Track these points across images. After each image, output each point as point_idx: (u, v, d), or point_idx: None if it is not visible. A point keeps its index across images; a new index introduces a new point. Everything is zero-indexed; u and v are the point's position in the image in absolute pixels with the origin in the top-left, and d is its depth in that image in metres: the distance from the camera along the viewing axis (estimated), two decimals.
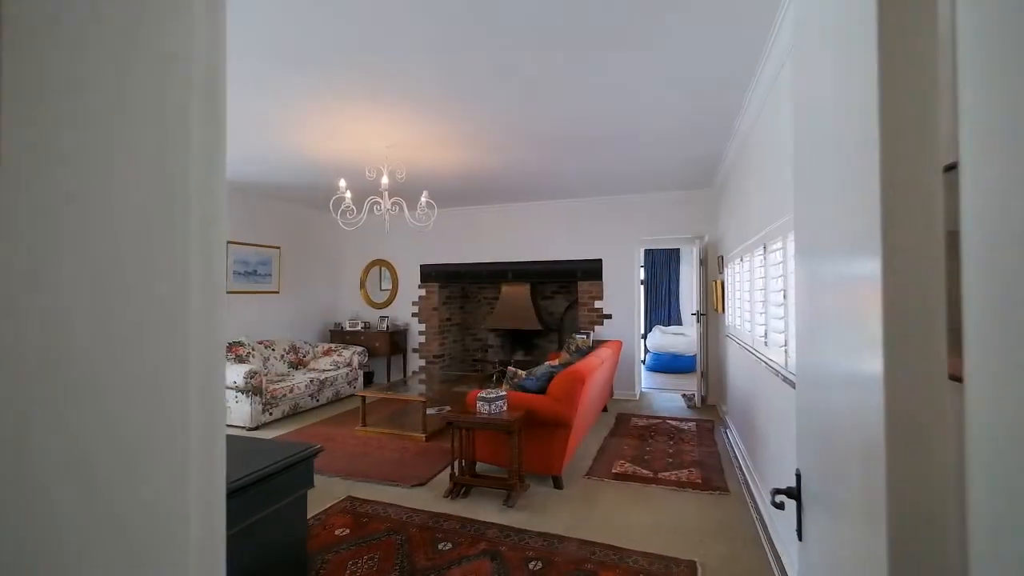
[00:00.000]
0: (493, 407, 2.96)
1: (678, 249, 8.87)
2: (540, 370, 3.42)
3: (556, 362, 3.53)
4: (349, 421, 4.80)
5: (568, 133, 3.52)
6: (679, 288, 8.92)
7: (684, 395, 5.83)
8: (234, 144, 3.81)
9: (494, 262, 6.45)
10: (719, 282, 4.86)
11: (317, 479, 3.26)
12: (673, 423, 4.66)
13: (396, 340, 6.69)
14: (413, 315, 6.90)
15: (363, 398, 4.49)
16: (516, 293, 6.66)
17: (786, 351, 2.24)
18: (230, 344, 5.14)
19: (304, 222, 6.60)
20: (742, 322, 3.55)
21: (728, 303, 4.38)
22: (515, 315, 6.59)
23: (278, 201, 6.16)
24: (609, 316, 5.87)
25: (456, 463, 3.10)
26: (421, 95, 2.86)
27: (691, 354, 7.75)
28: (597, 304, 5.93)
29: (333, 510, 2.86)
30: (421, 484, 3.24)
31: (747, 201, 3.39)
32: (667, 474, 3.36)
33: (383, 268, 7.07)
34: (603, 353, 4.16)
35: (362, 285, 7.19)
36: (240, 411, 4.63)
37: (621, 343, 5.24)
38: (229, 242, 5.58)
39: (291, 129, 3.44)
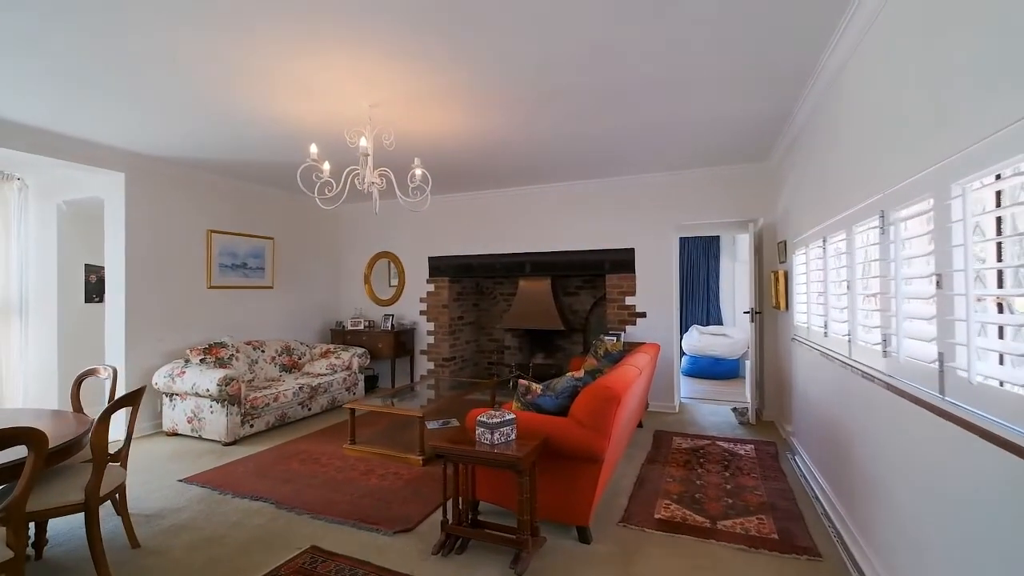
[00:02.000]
0: (497, 435, 2.22)
1: (716, 238, 7.94)
2: (560, 384, 2.66)
3: (580, 372, 2.76)
4: (341, 436, 4.14)
5: (593, 81, 2.74)
6: (719, 282, 7.99)
7: (735, 409, 4.95)
8: (195, 113, 3.17)
9: (510, 253, 5.71)
10: (780, 273, 3.99)
11: (282, 517, 2.60)
12: (725, 445, 3.82)
13: (402, 341, 6.03)
14: (421, 313, 6.22)
15: (352, 411, 3.82)
16: (535, 288, 5.90)
17: (940, 367, 1.42)
18: (209, 345, 4.55)
19: (300, 210, 5.99)
20: (825, 321, 2.70)
21: (795, 298, 3.52)
22: (534, 313, 5.83)
23: (270, 187, 5.56)
24: (643, 315, 5.05)
25: (450, 505, 2.37)
26: (408, 27, 2.13)
27: (735, 358, 6.85)
28: (629, 301, 5.11)
29: (287, 570, 2.17)
30: (406, 530, 2.52)
31: (839, 163, 2.54)
32: (729, 523, 2.55)
33: (391, 261, 6.42)
34: (640, 360, 3.37)
35: (366, 280, 6.56)
36: (215, 423, 4.03)
37: (659, 347, 4.41)
38: (213, 231, 5.01)
39: (258, 86, 2.77)
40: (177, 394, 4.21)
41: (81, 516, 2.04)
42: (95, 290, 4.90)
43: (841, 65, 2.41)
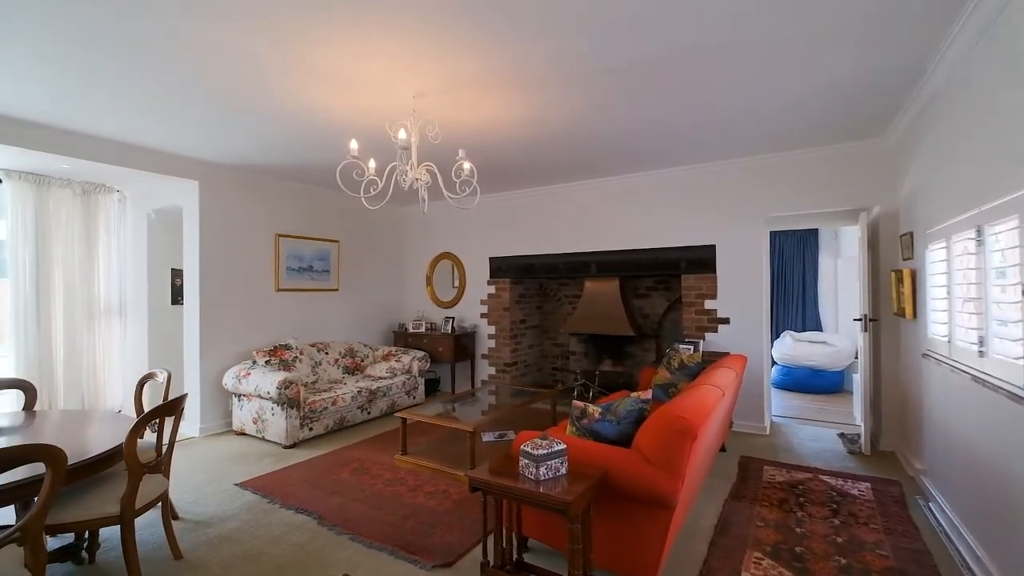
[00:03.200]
0: (544, 469, 1.88)
1: (815, 231, 6.95)
2: (623, 407, 2.25)
3: (648, 392, 2.33)
4: (395, 443, 4.00)
5: (662, 49, 2.29)
6: (817, 283, 6.98)
7: (843, 435, 4.18)
8: (251, 116, 3.16)
9: (574, 253, 5.31)
10: (906, 273, 3.24)
11: (322, 536, 2.45)
12: (831, 481, 3.16)
13: (463, 344, 5.86)
14: (482, 316, 6.01)
15: (403, 420, 3.65)
16: (602, 290, 5.45)
17: None
18: (274, 347, 4.65)
19: (363, 212, 6.02)
20: (979, 337, 2.05)
21: (929, 304, 2.80)
22: (601, 317, 5.38)
23: (333, 190, 5.63)
24: (725, 320, 4.43)
25: (492, 541, 2.07)
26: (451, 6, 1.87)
27: (837, 369, 5.92)
28: (709, 304, 4.51)
29: None
30: (447, 564, 2.25)
31: (1009, 124, 1.89)
32: None
33: (453, 263, 6.28)
34: (722, 378, 2.84)
35: (428, 282, 6.48)
36: (276, 425, 4.06)
37: (745, 359, 3.80)
38: (280, 235, 5.13)
39: (307, 85, 2.66)
40: (243, 395, 4.32)
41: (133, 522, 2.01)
42: (179, 293, 5.22)
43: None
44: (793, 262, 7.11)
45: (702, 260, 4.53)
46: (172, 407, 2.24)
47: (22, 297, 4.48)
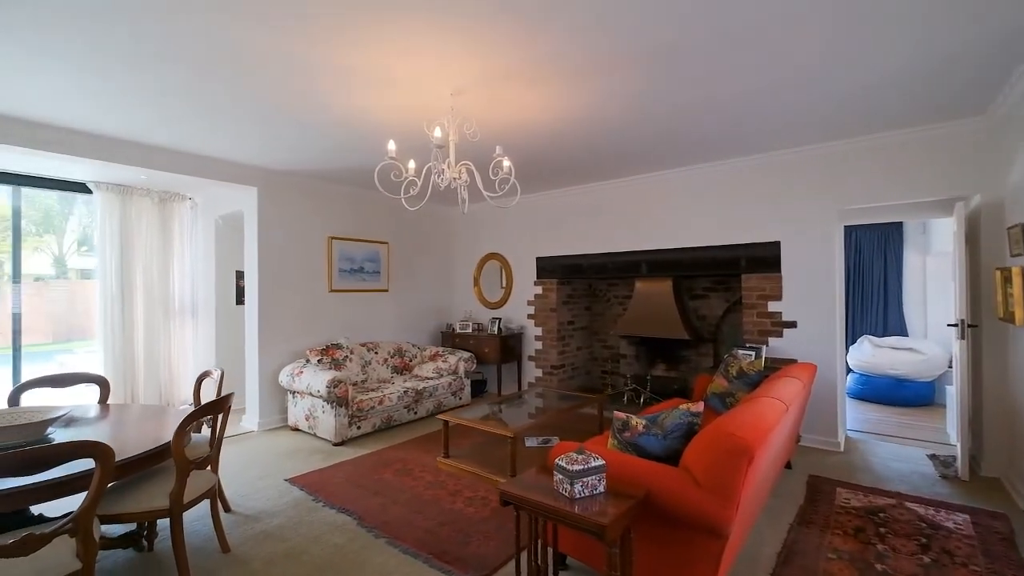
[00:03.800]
0: (580, 486, 1.74)
1: (898, 225, 6.24)
2: (671, 420, 2.06)
3: (700, 405, 2.12)
4: (440, 444, 3.99)
5: (718, 22, 2.08)
6: (901, 283, 6.27)
7: (935, 456, 3.69)
8: (290, 124, 3.25)
9: (624, 252, 5.08)
10: (1016, 271, 2.78)
11: (360, 538, 2.46)
12: (919, 509, 2.77)
13: (510, 345, 5.78)
14: (529, 317, 5.91)
15: (445, 422, 3.62)
16: (654, 291, 5.17)
17: None
18: (326, 346, 4.79)
19: (412, 214, 6.10)
20: None
21: None
22: (653, 319, 5.11)
23: (382, 193, 5.74)
24: (791, 324, 4.05)
25: (526, 556, 1.96)
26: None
27: (926, 379, 5.28)
28: (772, 307, 4.14)
29: None
30: None
31: None
32: None
33: (500, 263, 6.23)
34: (786, 389, 2.56)
35: (476, 282, 6.47)
36: (326, 423, 4.18)
37: (815, 368, 3.43)
38: (332, 238, 5.29)
39: (349, 87, 2.68)
40: (297, 392, 4.48)
41: (193, 510, 2.10)
42: (242, 294, 5.52)
43: None
44: (873, 259, 6.43)
45: (765, 258, 4.16)
46: (219, 406, 2.32)
47: (108, 297, 4.91)
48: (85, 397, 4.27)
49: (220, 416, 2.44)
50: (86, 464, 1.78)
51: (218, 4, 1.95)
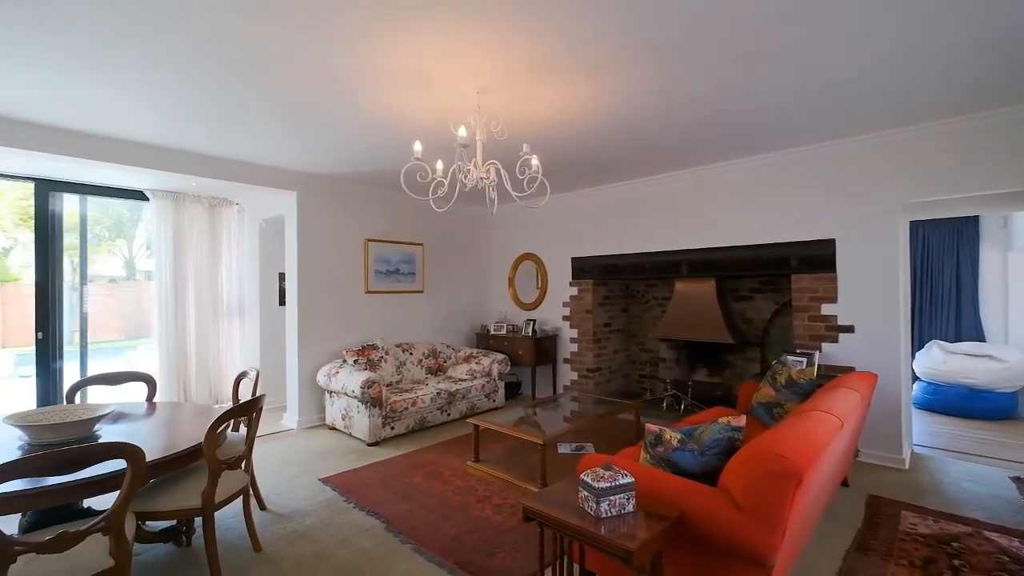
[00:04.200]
0: (606, 505, 1.63)
1: (974, 219, 5.66)
2: (708, 434, 1.91)
3: (742, 419, 1.95)
4: (471, 448, 3.96)
5: None
6: (977, 283, 5.69)
7: (1020, 480, 3.29)
8: (323, 128, 3.29)
9: (663, 251, 4.87)
10: None
11: (387, 543, 2.45)
12: (1002, 541, 2.46)
13: (545, 348, 5.68)
14: (564, 318, 5.79)
15: (475, 427, 3.57)
16: (695, 292, 4.93)
17: None
18: (362, 347, 4.86)
19: (447, 215, 6.10)
20: None
21: None
22: (694, 322, 4.87)
23: (418, 194, 5.77)
24: (848, 329, 3.73)
25: (551, 574, 1.86)
26: None
27: (1007, 390, 4.77)
28: (827, 309, 3.83)
29: None
30: None
31: None
32: None
33: (535, 264, 6.14)
34: (843, 403, 2.33)
35: (511, 283, 6.41)
36: (360, 423, 4.23)
37: (875, 378, 3.13)
38: (369, 240, 5.37)
39: (380, 88, 2.68)
40: (334, 392, 4.57)
41: (229, 508, 2.16)
42: (284, 295, 5.71)
43: None
44: (943, 257, 5.88)
45: (818, 258, 3.86)
46: (250, 407, 2.36)
47: (163, 298, 5.18)
48: (136, 394, 4.51)
49: (253, 416, 2.48)
50: (121, 463, 1.83)
51: (256, 13, 1.97)
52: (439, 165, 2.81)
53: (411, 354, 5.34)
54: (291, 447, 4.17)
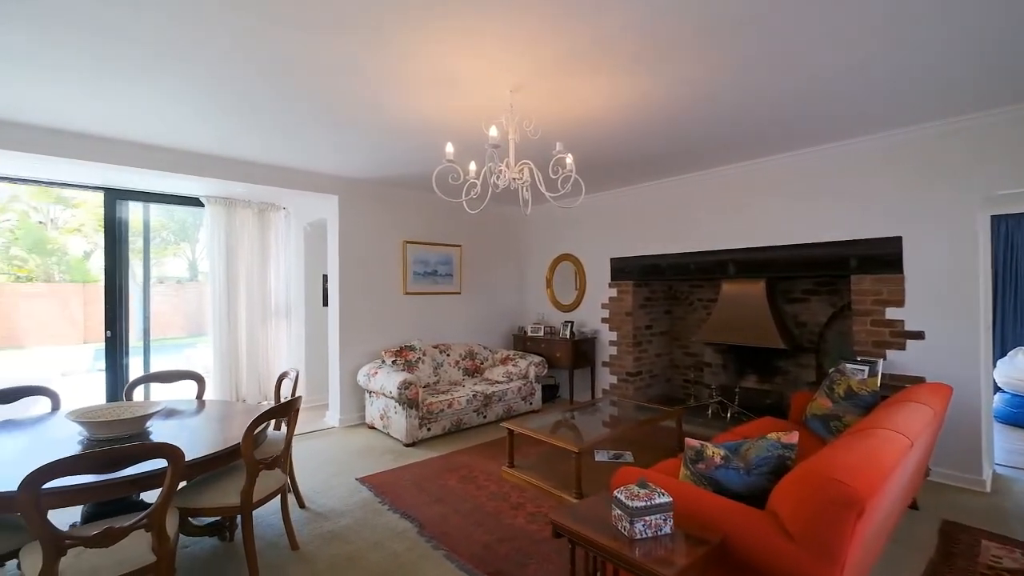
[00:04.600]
0: (641, 525, 1.52)
1: None
2: (756, 451, 1.76)
3: (794, 435, 1.78)
4: (506, 452, 3.91)
5: None
6: None
7: None
8: (360, 133, 3.33)
9: (707, 251, 4.64)
10: None
11: (418, 548, 2.44)
12: None
13: (583, 350, 5.56)
14: (603, 320, 5.64)
15: (509, 431, 3.52)
16: (744, 294, 4.66)
17: None
18: (400, 348, 4.92)
19: (484, 216, 6.10)
20: None
21: None
22: (742, 325, 4.61)
23: (454, 196, 5.80)
24: (917, 335, 3.40)
25: None
26: None
27: None
28: (892, 313, 3.51)
29: None
30: None
31: None
32: None
33: (574, 265, 6.02)
34: (911, 420, 2.10)
35: (548, 284, 6.32)
36: (398, 423, 4.28)
37: (950, 391, 2.82)
38: (408, 242, 5.44)
39: (399, 90, 2.69)
40: (373, 392, 4.65)
41: (270, 505, 2.23)
42: (328, 296, 5.88)
43: None
44: None
45: (881, 257, 3.54)
46: (286, 409, 2.41)
47: (217, 299, 5.44)
48: (190, 391, 4.76)
49: (291, 417, 2.54)
50: (163, 462, 1.90)
51: (300, 23, 2.00)
52: (472, 166, 2.78)
53: (448, 355, 5.36)
54: (332, 445, 4.27)
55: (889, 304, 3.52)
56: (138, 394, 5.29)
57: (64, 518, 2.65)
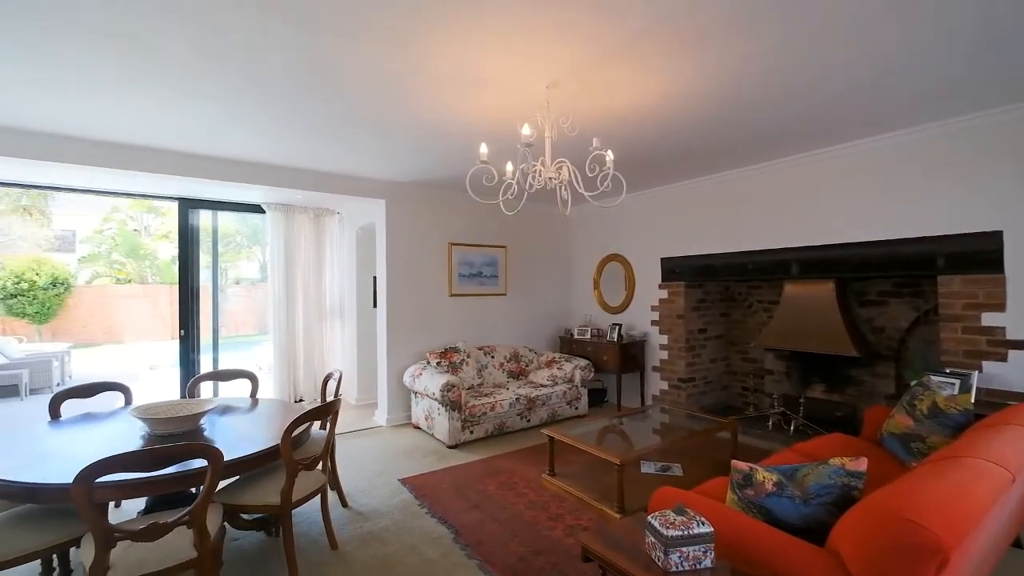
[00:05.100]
0: (677, 556, 1.39)
1: None
2: (815, 479, 1.56)
3: (862, 462, 1.56)
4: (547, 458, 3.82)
5: None
6: None
7: None
8: (401, 137, 3.36)
9: (767, 250, 4.29)
10: None
11: (453, 555, 2.42)
12: None
13: (632, 354, 5.34)
14: (653, 323, 5.39)
15: (550, 438, 3.42)
16: (809, 296, 4.27)
17: None
18: (445, 349, 4.95)
19: (529, 217, 6.01)
20: None
21: None
22: (807, 330, 4.22)
23: (484, 199, 5.76)
24: (1018, 344, 2.94)
25: None
26: None
27: None
28: (989, 319, 3.07)
29: None
30: None
31: None
32: None
33: (622, 265, 5.82)
34: (1015, 447, 1.79)
35: (596, 285, 6.14)
36: (441, 425, 4.30)
37: None
38: (453, 244, 5.47)
39: (436, 92, 2.68)
40: (418, 392, 4.70)
41: (315, 501, 2.40)
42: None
43: None
44: None
45: (976, 255, 3.10)
46: (323, 411, 2.45)
47: (277, 300, 5.74)
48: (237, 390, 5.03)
49: (330, 419, 2.59)
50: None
51: (344, 31, 2.03)
52: (509, 167, 2.71)
53: (493, 357, 5.33)
54: (378, 444, 4.36)
55: (986, 308, 3.07)
56: (206, 389, 5.67)
57: (131, 507, 2.86)
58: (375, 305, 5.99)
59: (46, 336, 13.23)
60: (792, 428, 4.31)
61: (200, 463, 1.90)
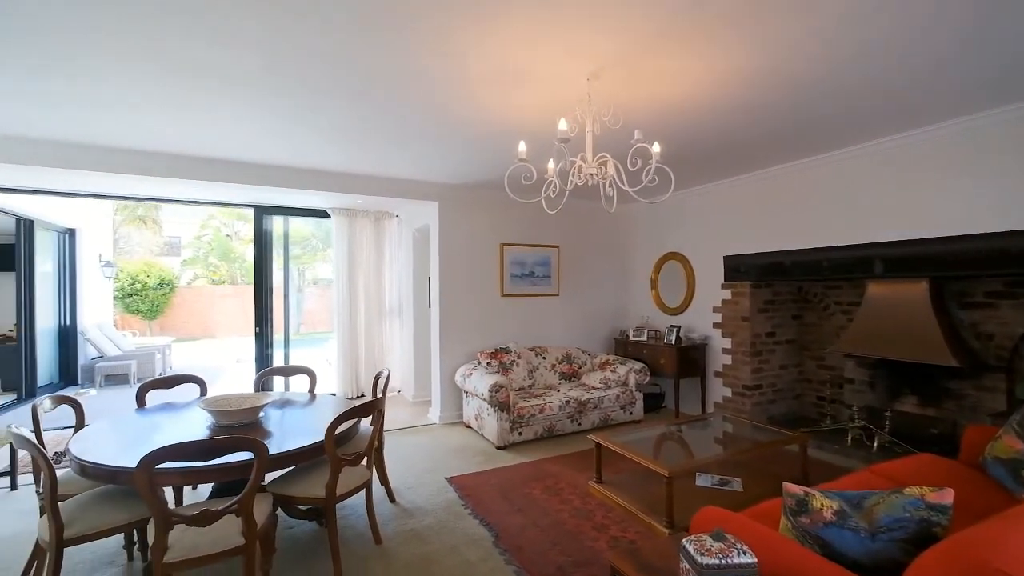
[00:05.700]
0: None
1: None
2: (886, 510, 1.35)
3: (948, 494, 1.33)
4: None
5: None
6: None
7: None
8: (449, 139, 3.40)
9: (845, 246, 3.87)
10: None
11: (491, 560, 2.42)
12: None
13: (691, 358, 5.05)
14: (715, 325, 5.06)
15: (597, 445, 3.29)
16: (897, 297, 3.79)
17: None
18: (495, 350, 4.95)
19: (583, 215, 5.88)
20: None
21: None
22: (895, 335, 3.75)
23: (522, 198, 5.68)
24: None
25: None
26: None
27: None
28: None
29: None
30: None
31: None
32: None
33: (681, 264, 5.52)
34: None
35: (653, 285, 5.87)
36: (490, 425, 4.30)
37: None
38: (504, 244, 5.46)
39: (474, 90, 2.67)
40: (468, 392, 4.74)
41: (363, 494, 2.53)
42: None
43: None
44: None
45: None
46: (367, 409, 2.52)
47: (341, 299, 6.05)
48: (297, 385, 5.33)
49: (375, 416, 2.66)
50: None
51: (392, 39, 2.09)
52: (551, 164, 2.64)
53: (544, 358, 5.26)
54: (430, 441, 4.45)
55: None
56: (278, 383, 6.08)
57: (206, 492, 3.11)
58: (430, 305, 6.13)
59: (155, 331, 14.98)
60: (875, 444, 3.86)
61: (249, 455, 2.02)
